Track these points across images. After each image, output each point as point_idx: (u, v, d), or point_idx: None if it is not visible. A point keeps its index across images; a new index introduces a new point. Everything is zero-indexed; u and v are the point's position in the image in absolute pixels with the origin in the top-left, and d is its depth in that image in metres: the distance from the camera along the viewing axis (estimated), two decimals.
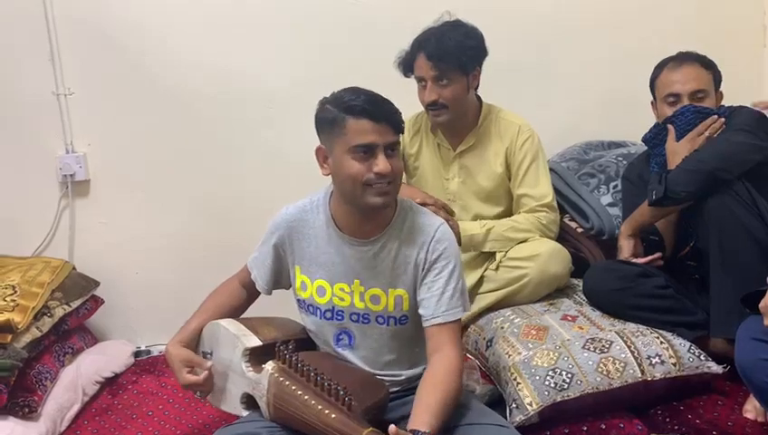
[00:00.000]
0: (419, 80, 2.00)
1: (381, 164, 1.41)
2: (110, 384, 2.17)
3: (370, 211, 1.48)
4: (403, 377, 1.56)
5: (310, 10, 2.39)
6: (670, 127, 1.90)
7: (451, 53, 1.94)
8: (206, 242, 2.47)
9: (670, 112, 1.92)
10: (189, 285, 2.37)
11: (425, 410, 1.32)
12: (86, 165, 2.43)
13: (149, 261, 2.49)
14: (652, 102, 2.02)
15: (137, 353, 2.39)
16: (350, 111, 1.41)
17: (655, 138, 1.99)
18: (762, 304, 1.21)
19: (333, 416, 1.29)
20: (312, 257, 1.56)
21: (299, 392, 1.37)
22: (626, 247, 1.96)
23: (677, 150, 1.86)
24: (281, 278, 1.65)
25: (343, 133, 1.42)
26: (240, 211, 2.43)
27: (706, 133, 1.85)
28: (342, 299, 1.54)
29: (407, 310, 1.52)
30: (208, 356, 1.64)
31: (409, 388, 1.53)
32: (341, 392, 1.30)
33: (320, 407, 1.32)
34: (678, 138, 1.88)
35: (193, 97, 2.41)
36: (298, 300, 1.61)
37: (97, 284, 2.36)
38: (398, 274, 1.51)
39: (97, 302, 2.36)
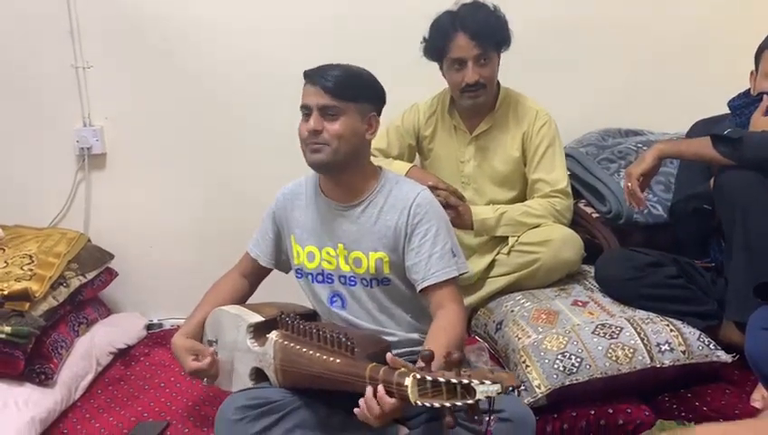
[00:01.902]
0: (456, 61, 1.98)
1: (312, 122, 1.52)
2: (123, 355, 2.21)
3: (316, 170, 1.60)
4: (398, 338, 1.60)
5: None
6: (766, 98, 1.85)
7: (493, 31, 1.96)
8: (219, 220, 2.48)
9: None
10: (202, 261, 2.41)
11: (433, 346, 1.34)
12: (103, 139, 2.45)
13: (163, 236, 2.51)
14: (752, 72, 1.96)
15: (149, 326, 2.42)
16: (304, 76, 1.58)
17: (743, 106, 1.93)
18: None
19: (338, 361, 1.34)
20: (302, 225, 1.65)
21: (303, 350, 1.42)
22: (647, 162, 1.87)
23: (762, 123, 1.82)
24: (281, 253, 1.73)
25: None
26: (254, 192, 2.38)
27: None
28: (330, 262, 1.63)
29: (387, 272, 1.59)
30: (214, 344, 1.69)
31: (410, 354, 1.56)
32: (344, 340, 1.35)
33: (324, 357, 1.37)
34: (767, 113, 1.84)
35: (211, 76, 2.42)
36: (295, 270, 1.69)
37: (112, 256, 2.39)
38: (378, 238, 1.58)
39: (111, 274, 2.39)
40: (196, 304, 1.74)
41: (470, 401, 1.08)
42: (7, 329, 1.73)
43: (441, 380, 1.10)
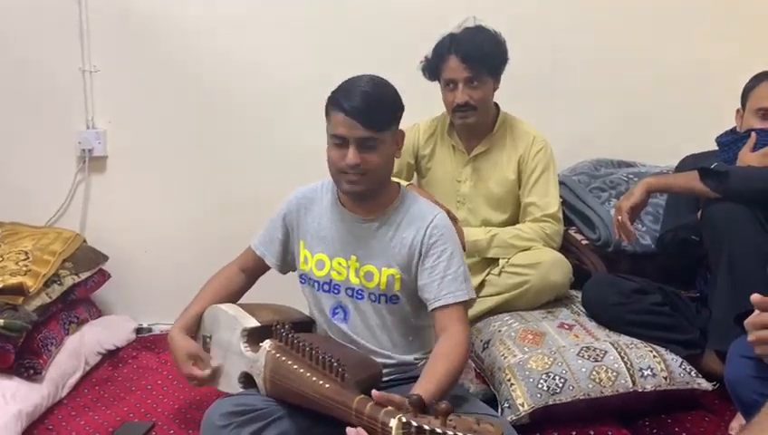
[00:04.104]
0: (448, 82, 2.05)
1: (350, 156, 1.50)
2: (111, 357, 2.23)
3: (350, 198, 1.59)
4: (395, 361, 1.61)
5: (335, 5, 2.45)
6: (753, 135, 1.90)
7: (485, 56, 2.00)
8: (215, 228, 2.51)
9: (758, 125, 1.91)
10: (195, 268, 2.37)
11: (428, 379, 1.38)
12: (105, 142, 2.49)
13: (158, 241, 2.54)
14: (738, 110, 2.02)
15: (138, 330, 2.44)
16: (332, 102, 1.53)
17: (731, 143, 1.98)
18: (746, 321, 1.24)
19: (327, 386, 1.34)
20: (314, 232, 1.65)
21: (294, 367, 1.42)
22: (636, 196, 1.90)
23: (749, 159, 1.87)
24: (287, 254, 1.73)
25: (328, 121, 1.55)
26: (252, 201, 2.45)
27: None
28: (339, 273, 1.62)
29: (398, 290, 1.59)
30: (208, 340, 1.70)
31: (402, 377, 1.58)
32: (335, 365, 1.35)
33: (314, 378, 1.37)
34: (755, 150, 1.89)
35: (214, 86, 2.47)
36: (300, 275, 1.69)
37: (106, 258, 2.42)
38: (392, 254, 1.58)
39: (104, 276, 2.41)
40: None
41: None
42: (0, 322, 1.74)
43: (426, 427, 1.08)
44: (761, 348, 1.22)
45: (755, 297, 1.22)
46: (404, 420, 1.11)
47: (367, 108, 1.48)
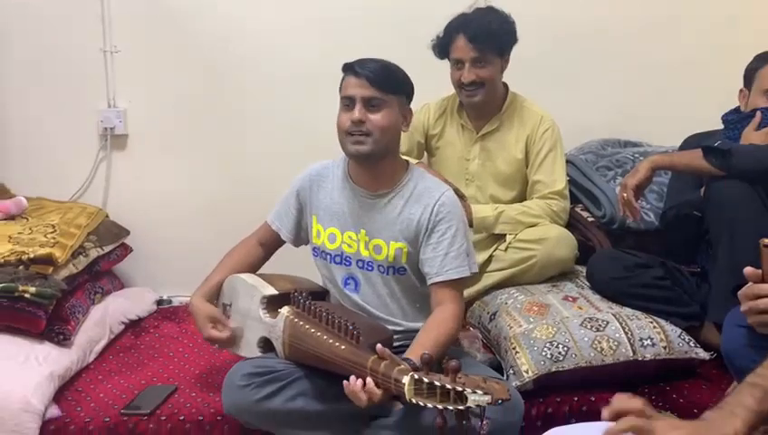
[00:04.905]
0: (456, 61, 2.11)
1: (355, 113, 1.59)
2: (134, 326, 2.32)
3: (355, 160, 1.66)
4: (403, 328, 1.69)
5: None
6: (758, 113, 1.95)
7: (492, 36, 2.06)
8: (231, 204, 2.58)
9: (764, 104, 1.96)
10: (214, 243, 2.45)
11: (419, 346, 1.47)
12: (126, 120, 2.57)
13: (178, 217, 2.62)
14: (741, 90, 2.06)
15: (159, 302, 2.53)
16: (344, 69, 1.64)
17: (735, 121, 2.02)
18: (740, 293, 1.30)
19: (343, 347, 1.42)
20: (326, 207, 1.73)
21: (312, 330, 1.50)
22: (641, 174, 1.96)
23: (753, 138, 1.92)
24: (301, 229, 1.81)
25: (340, 91, 1.64)
26: (267, 178, 2.50)
27: None
28: (350, 246, 1.70)
29: (405, 262, 1.68)
30: (228, 308, 1.79)
31: (406, 340, 1.65)
32: (350, 328, 1.43)
33: (331, 341, 1.45)
34: (759, 128, 1.93)
35: (232, 66, 2.55)
36: (313, 248, 1.77)
37: (128, 232, 2.50)
38: (400, 229, 1.66)
39: (126, 249, 2.50)
40: None
41: (460, 407, 1.14)
42: (32, 289, 1.83)
43: (437, 383, 1.16)
44: (753, 318, 1.29)
45: (748, 270, 1.29)
46: (416, 377, 1.19)
47: (374, 69, 1.59)
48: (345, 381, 1.38)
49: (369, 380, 1.34)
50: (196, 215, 2.62)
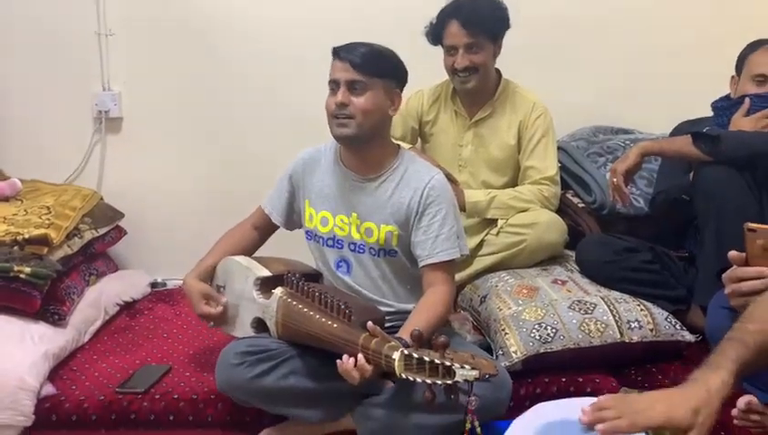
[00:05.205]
0: (449, 48, 2.13)
1: (339, 96, 1.61)
2: (128, 308, 2.34)
3: (341, 143, 1.68)
4: (394, 309, 1.72)
5: None
6: (747, 100, 1.97)
7: (485, 22, 2.08)
8: (226, 187, 2.61)
9: (753, 90, 1.98)
10: (207, 226, 2.46)
11: (410, 326, 1.48)
12: (120, 103, 2.58)
13: (172, 200, 2.64)
14: (732, 77, 2.09)
15: (153, 284, 2.55)
16: (333, 53, 1.66)
17: (725, 108, 2.05)
18: (724, 275, 1.33)
19: (336, 326, 1.45)
20: (318, 190, 1.75)
21: (305, 310, 1.53)
22: (631, 159, 1.99)
23: (741, 124, 1.95)
24: (293, 213, 1.83)
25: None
26: (261, 161, 2.55)
27: None
28: (342, 229, 1.72)
29: (395, 245, 1.70)
30: (222, 290, 1.81)
31: (398, 321, 1.67)
32: (343, 307, 1.46)
33: (323, 320, 1.48)
34: (748, 115, 1.96)
35: (229, 51, 2.56)
36: (306, 232, 1.79)
37: (122, 215, 2.52)
38: (391, 212, 1.68)
39: (120, 232, 2.52)
40: None
41: (448, 382, 1.18)
42: (27, 269, 1.85)
43: (426, 359, 1.19)
44: (736, 300, 1.32)
45: (733, 253, 1.32)
46: (406, 353, 1.22)
47: (359, 54, 1.61)
48: (338, 361, 1.41)
49: (360, 357, 1.37)
50: (190, 198, 2.64)
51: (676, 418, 0.95)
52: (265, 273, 1.71)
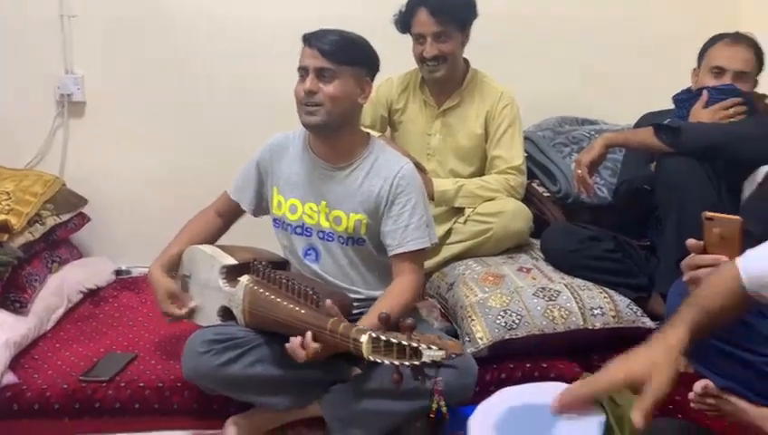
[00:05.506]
0: (418, 36, 2.13)
1: (308, 83, 1.60)
2: (92, 296, 2.31)
3: (309, 130, 1.68)
4: (363, 295, 1.73)
5: None
6: (705, 92, 2.02)
7: (453, 10, 2.08)
8: (191, 173, 2.58)
9: (710, 82, 2.03)
10: (173, 213, 2.43)
11: (374, 313, 1.49)
12: (84, 87, 2.53)
13: (137, 186, 2.60)
14: (694, 69, 2.13)
15: (118, 272, 2.52)
16: (303, 40, 1.65)
17: (686, 100, 2.10)
18: (682, 263, 1.37)
19: (303, 311, 1.45)
20: (287, 178, 1.74)
21: (272, 297, 1.52)
22: (595, 151, 2.03)
23: (700, 116, 2.00)
24: (261, 199, 1.82)
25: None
26: (228, 146, 2.52)
27: (730, 111, 1.98)
28: (311, 217, 1.72)
29: (364, 233, 1.70)
30: (187, 279, 1.79)
31: (366, 308, 1.68)
32: (310, 292, 1.46)
33: (291, 306, 1.48)
34: (707, 107, 2.00)
35: (192, 33, 2.52)
36: (274, 219, 1.78)
37: (85, 201, 2.48)
38: (360, 201, 1.68)
39: (83, 219, 2.47)
40: None
41: (416, 363, 1.18)
42: None
43: (393, 341, 1.21)
44: (693, 287, 1.35)
45: (690, 242, 1.36)
46: (374, 335, 1.24)
47: (329, 41, 1.60)
48: (287, 344, 1.42)
49: (308, 334, 1.39)
50: (155, 184, 2.61)
51: (634, 370, 0.99)
52: (231, 261, 1.70)
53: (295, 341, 1.41)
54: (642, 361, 0.99)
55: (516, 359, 1.82)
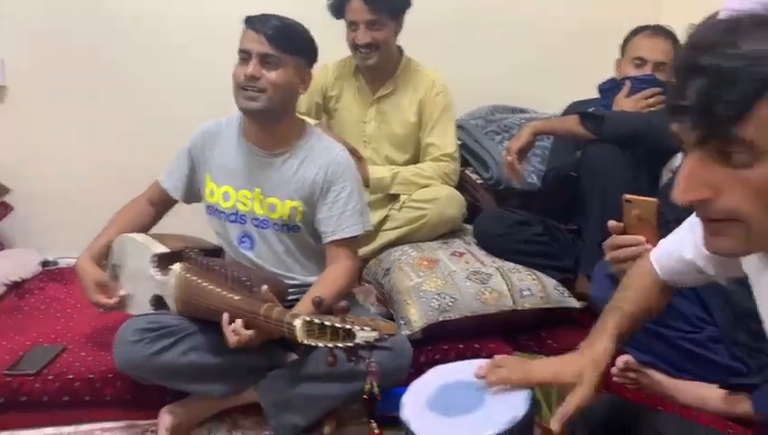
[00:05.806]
0: (351, 23, 2.14)
1: (250, 68, 1.58)
2: (17, 288, 2.22)
3: (246, 116, 1.66)
4: (299, 281, 1.73)
5: None
6: (628, 82, 2.10)
7: None
8: (120, 160, 2.51)
9: (632, 72, 2.11)
10: (102, 202, 2.36)
11: (308, 299, 1.51)
12: (4, 71, 2.42)
13: (63, 174, 2.52)
14: (618, 60, 2.22)
15: (44, 264, 2.43)
16: (246, 22, 1.62)
17: (610, 89, 2.18)
18: (604, 244, 1.44)
19: (237, 298, 1.45)
20: (220, 165, 1.72)
21: (204, 284, 1.52)
22: (523, 138, 2.07)
23: (623, 105, 2.08)
24: (193, 187, 1.79)
25: (240, 42, 1.63)
26: (163, 136, 2.38)
27: (650, 101, 2.06)
28: (245, 204, 1.71)
29: (299, 220, 1.71)
30: (118, 269, 1.75)
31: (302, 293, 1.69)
32: (244, 279, 1.47)
33: (224, 293, 1.47)
34: (629, 96, 2.09)
35: (121, 18, 2.44)
36: (207, 207, 1.76)
37: (8, 190, 2.38)
38: (295, 188, 1.69)
39: (6, 208, 2.39)
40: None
41: (349, 344, 1.20)
42: None
43: (327, 323, 1.22)
44: (615, 266, 1.43)
45: (611, 223, 1.43)
46: (307, 319, 1.25)
47: (274, 27, 1.59)
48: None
49: (237, 321, 1.39)
50: (83, 172, 2.53)
51: (563, 375, 1.04)
52: (162, 249, 1.68)
53: (227, 327, 1.41)
54: (571, 369, 1.03)
55: (450, 340, 1.86)
